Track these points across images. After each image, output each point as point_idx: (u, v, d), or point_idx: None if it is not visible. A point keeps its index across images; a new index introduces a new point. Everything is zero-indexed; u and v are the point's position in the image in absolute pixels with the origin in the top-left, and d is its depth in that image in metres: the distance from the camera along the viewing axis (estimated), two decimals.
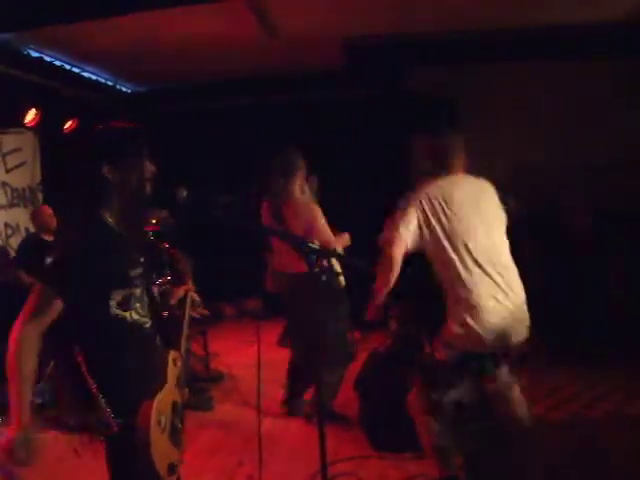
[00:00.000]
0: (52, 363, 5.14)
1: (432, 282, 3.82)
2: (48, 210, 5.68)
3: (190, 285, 2.61)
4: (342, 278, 4.62)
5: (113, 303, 2.05)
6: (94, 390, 2.01)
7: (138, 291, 2.14)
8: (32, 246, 5.59)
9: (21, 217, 6.71)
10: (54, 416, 4.67)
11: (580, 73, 6.72)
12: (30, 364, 1.93)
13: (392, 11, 5.61)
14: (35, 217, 5.80)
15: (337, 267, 4.56)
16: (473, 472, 3.69)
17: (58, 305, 1.96)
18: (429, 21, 5.95)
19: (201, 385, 5.34)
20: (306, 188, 4.59)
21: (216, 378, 5.74)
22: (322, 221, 4.35)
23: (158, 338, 2.24)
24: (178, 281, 5.61)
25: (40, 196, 7.04)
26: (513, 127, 7.03)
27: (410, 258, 3.55)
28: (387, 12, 5.64)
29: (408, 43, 6.54)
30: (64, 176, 2.19)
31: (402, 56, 6.87)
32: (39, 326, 1.94)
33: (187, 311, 2.47)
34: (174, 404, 2.19)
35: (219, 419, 4.55)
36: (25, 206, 6.81)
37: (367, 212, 7.48)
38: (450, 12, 5.69)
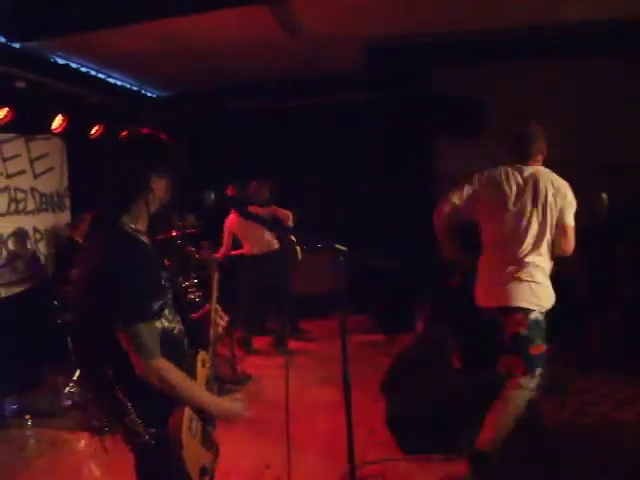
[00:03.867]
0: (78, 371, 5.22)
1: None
2: None
3: (215, 291, 2.57)
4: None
5: None
6: (124, 401, 2.00)
7: (169, 296, 2.12)
8: (70, 248, 5.72)
9: (49, 222, 6.80)
10: (81, 419, 4.73)
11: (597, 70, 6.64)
12: (178, 376, 2.01)
13: (414, 12, 5.59)
14: (81, 221, 5.80)
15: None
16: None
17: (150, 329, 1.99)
18: (455, 21, 5.92)
19: (228, 387, 5.36)
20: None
21: (243, 380, 5.76)
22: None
23: (186, 341, 2.22)
24: (205, 286, 5.66)
25: (68, 201, 7.12)
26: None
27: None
28: (409, 13, 5.62)
29: (431, 44, 6.50)
30: (96, 180, 2.15)
31: (426, 57, 6.84)
32: (153, 355, 1.97)
33: (214, 313, 2.45)
34: None
35: (246, 421, 4.56)
36: (53, 211, 6.90)
37: (391, 211, 7.49)
38: (471, 12, 5.66)
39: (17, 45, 5.30)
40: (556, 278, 6.02)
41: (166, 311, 2.08)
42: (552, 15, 5.78)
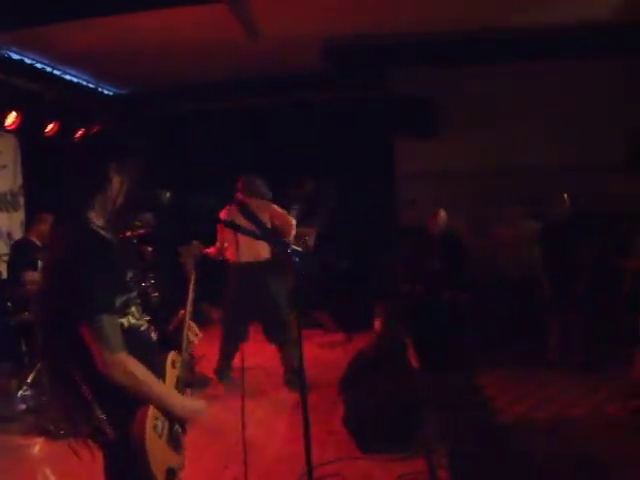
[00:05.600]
0: (36, 369, 5.11)
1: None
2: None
3: (192, 286, 2.56)
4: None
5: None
6: (89, 398, 1.97)
7: (134, 294, 2.10)
8: (26, 248, 5.58)
9: (3, 221, 6.63)
10: (35, 423, 4.63)
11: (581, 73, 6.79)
12: (142, 371, 1.97)
13: (373, 12, 5.64)
14: (39, 221, 5.63)
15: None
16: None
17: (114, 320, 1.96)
18: (411, 22, 5.98)
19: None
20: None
21: (201, 382, 5.71)
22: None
23: (155, 340, 2.21)
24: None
25: (22, 200, 6.95)
26: (500, 128, 7.10)
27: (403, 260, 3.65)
28: (368, 14, 5.66)
29: (389, 44, 6.56)
30: (54, 177, 2.16)
31: (383, 57, 6.89)
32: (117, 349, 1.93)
33: (188, 315, 2.45)
34: None
35: (204, 423, 4.53)
36: (7, 211, 6.73)
37: (349, 213, 7.52)
38: (432, 13, 5.73)
39: None
40: (517, 279, 6.18)
41: (132, 308, 2.07)
42: (513, 18, 5.90)
